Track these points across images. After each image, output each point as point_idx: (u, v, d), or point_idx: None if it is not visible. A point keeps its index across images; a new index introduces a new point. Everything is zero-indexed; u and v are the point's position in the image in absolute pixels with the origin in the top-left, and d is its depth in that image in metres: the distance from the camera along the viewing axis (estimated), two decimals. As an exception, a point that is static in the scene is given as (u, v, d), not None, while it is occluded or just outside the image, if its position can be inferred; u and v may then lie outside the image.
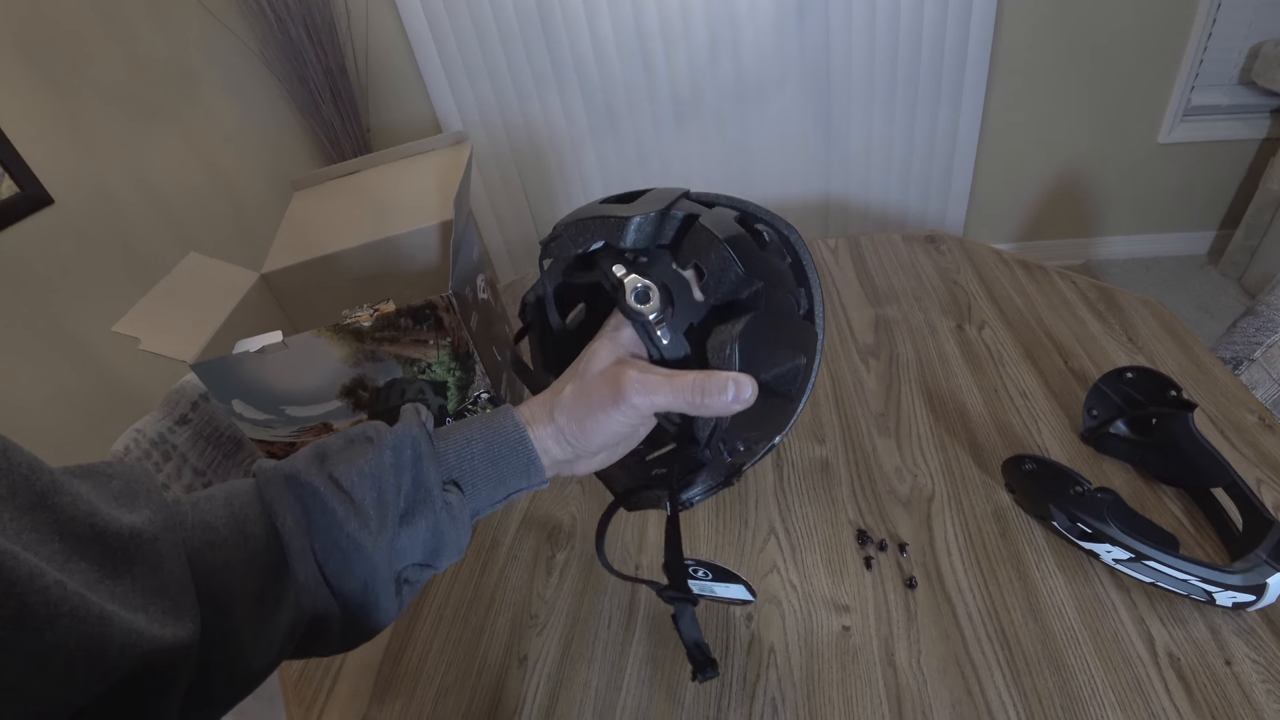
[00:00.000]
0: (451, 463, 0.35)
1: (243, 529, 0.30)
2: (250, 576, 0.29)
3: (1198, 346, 0.79)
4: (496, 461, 0.35)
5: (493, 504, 0.36)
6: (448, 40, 1.93)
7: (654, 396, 0.34)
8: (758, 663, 0.55)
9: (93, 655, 0.22)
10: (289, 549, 0.30)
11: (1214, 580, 0.51)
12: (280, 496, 0.31)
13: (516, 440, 0.35)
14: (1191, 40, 1.81)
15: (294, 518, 0.30)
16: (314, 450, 0.34)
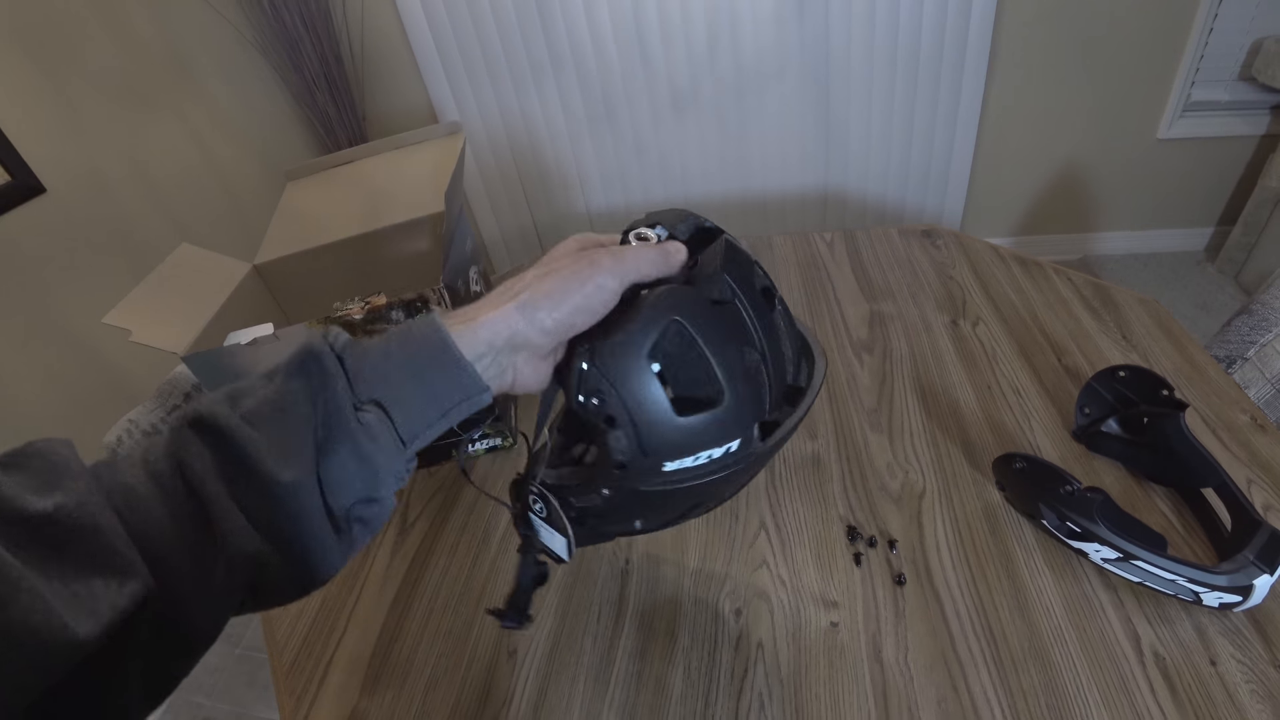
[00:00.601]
0: (369, 380, 0.31)
1: (161, 485, 0.29)
2: (180, 533, 0.28)
3: (1192, 345, 0.79)
4: (420, 373, 0.32)
5: (431, 424, 0.33)
6: (444, 29, 1.91)
7: (628, 269, 0.35)
8: (746, 658, 0.55)
9: (55, 629, 0.23)
10: (205, 498, 0.28)
11: (1201, 581, 0.51)
12: (188, 444, 0.29)
13: (438, 346, 0.32)
14: (1192, 35, 1.80)
15: (203, 465, 0.29)
16: (227, 390, 0.32)
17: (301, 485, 0.29)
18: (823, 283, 0.99)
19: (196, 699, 1.44)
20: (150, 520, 0.28)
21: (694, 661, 0.55)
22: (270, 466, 0.29)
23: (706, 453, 0.35)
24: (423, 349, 0.32)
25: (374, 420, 0.31)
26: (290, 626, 0.65)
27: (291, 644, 0.63)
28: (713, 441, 0.35)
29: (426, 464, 0.79)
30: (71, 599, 0.24)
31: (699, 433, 0.35)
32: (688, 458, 0.35)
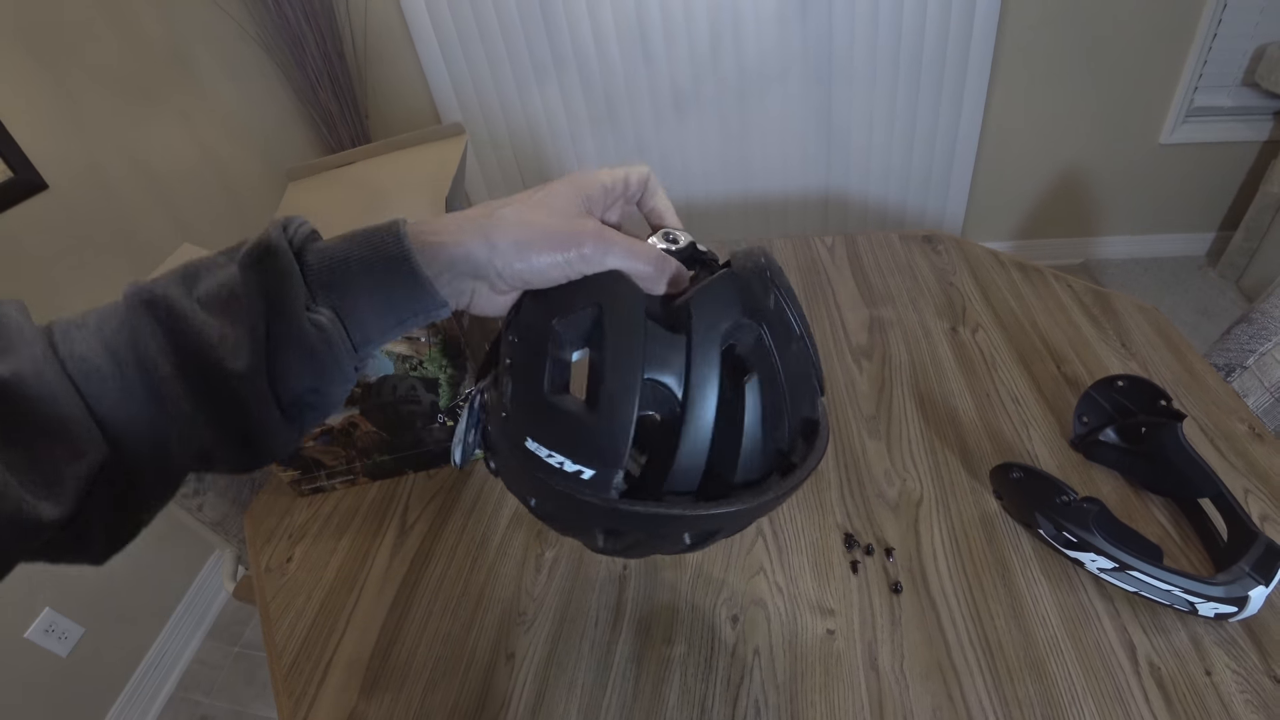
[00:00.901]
0: (326, 282, 0.31)
1: (116, 360, 0.29)
2: (133, 409, 0.29)
3: (1191, 354, 0.79)
4: (377, 283, 0.31)
5: (386, 331, 0.32)
6: (447, 27, 1.91)
7: (609, 256, 0.32)
8: (742, 664, 0.55)
9: (24, 512, 0.24)
10: (158, 379, 0.29)
11: (1196, 591, 0.52)
12: (142, 323, 0.29)
13: (399, 259, 0.31)
14: (1196, 41, 1.80)
15: (156, 345, 0.29)
16: (185, 269, 0.31)
17: (250, 375, 0.29)
18: (822, 287, 0.99)
19: (195, 696, 1.44)
20: (105, 394, 0.28)
21: (690, 668, 0.56)
22: (221, 355, 0.29)
23: (560, 456, 0.32)
24: (382, 259, 0.31)
25: (326, 323, 0.30)
26: (289, 628, 0.65)
27: (290, 646, 0.64)
28: (569, 449, 0.32)
29: (425, 466, 0.80)
30: (34, 470, 0.25)
31: (557, 427, 0.32)
32: (544, 448, 0.32)
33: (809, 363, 0.36)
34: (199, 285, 0.30)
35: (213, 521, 0.96)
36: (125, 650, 1.39)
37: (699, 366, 0.31)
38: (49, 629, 1.23)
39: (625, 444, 0.30)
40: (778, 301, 0.34)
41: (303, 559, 0.72)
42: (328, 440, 0.75)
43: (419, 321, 0.32)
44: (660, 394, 0.31)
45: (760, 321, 0.33)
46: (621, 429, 0.30)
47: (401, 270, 0.31)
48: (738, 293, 0.32)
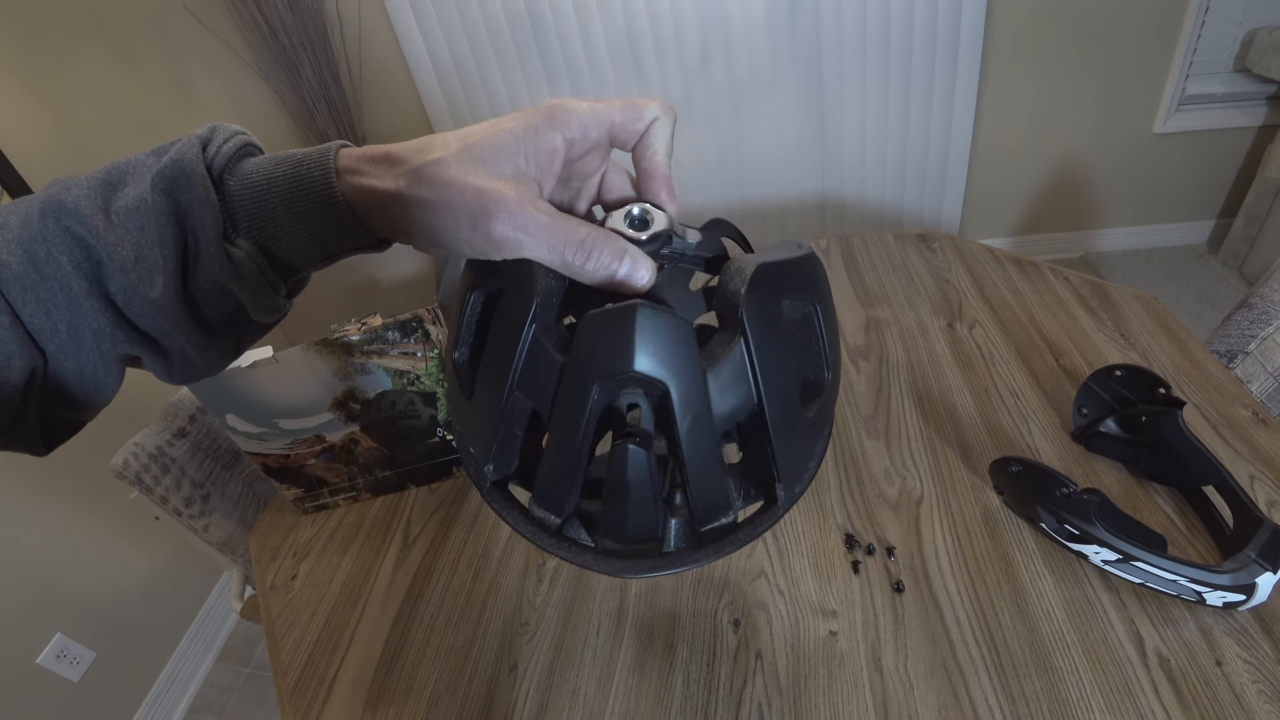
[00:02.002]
0: (248, 212, 0.28)
1: (37, 268, 0.27)
2: (54, 322, 0.27)
3: (1191, 341, 0.79)
4: (303, 216, 0.28)
5: (315, 263, 0.30)
6: (440, 48, 1.94)
7: (522, 239, 0.26)
8: (745, 668, 0.55)
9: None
10: (73, 294, 0.27)
11: (1203, 580, 0.51)
12: (57, 237, 0.27)
13: (324, 196, 0.28)
14: (1186, 28, 1.80)
15: (71, 262, 0.27)
16: (107, 173, 0.29)
17: (165, 301, 0.28)
18: (819, 289, 0.99)
19: (206, 719, 1.44)
20: (28, 301, 0.27)
21: (693, 673, 0.55)
22: (134, 279, 0.27)
23: None
24: (307, 195, 0.28)
25: (244, 258, 0.28)
26: (295, 645, 0.65)
27: (296, 663, 0.64)
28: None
29: (427, 481, 0.80)
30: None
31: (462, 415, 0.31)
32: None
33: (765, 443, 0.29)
34: (119, 195, 0.28)
35: (219, 542, 0.96)
36: (137, 674, 1.40)
37: (563, 400, 0.27)
38: (60, 654, 1.23)
39: (491, 444, 0.29)
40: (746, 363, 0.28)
41: (307, 576, 0.73)
42: (330, 458, 0.76)
43: (352, 254, 0.30)
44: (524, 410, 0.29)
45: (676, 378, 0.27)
46: (483, 418, 0.29)
47: (329, 210, 0.28)
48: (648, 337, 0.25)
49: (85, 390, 0.29)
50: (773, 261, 0.28)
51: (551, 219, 0.26)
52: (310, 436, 0.74)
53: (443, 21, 1.90)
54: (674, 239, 0.31)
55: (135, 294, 0.27)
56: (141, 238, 0.27)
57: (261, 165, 0.29)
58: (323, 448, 0.75)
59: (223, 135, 0.29)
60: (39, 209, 0.27)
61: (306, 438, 0.74)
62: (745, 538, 0.30)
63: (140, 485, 0.88)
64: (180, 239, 0.28)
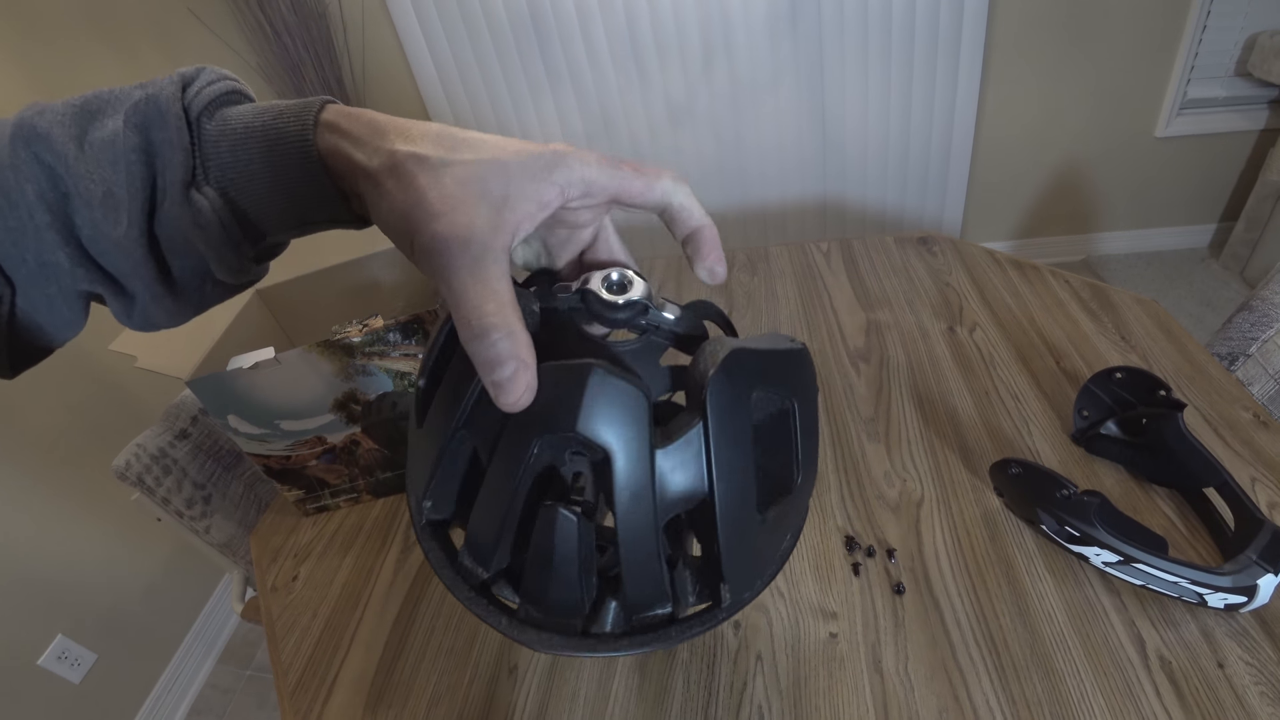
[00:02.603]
0: (223, 159, 0.27)
1: (8, 196, 0.26)
2: (21, 251, 0.26)
3: (1192, 344, 0.79)
4: (278, 179, 0.27)
5: (287, 229, 0.29)
6: (443, 50, 1.95)
7: (443, 288, 0.24)
8: (745, 670, 0.55)
9: None
10: (35, 224, 0.26)
11: (1204, 582, 0.51)
12: (26, 165, 0.26)
13: (303, 159, 0.26)
14: (1187, 32, 1.81)
15: (36, 191, 0.26)
16: (85, 102, 0.27)
17: (128, 242, 0.26)
18: (819, 293, 1.00)
19: (208, 721, 1.44)
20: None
21: (693, 675, 0.55)
22: (99, 215, 0.26)
23: None
24: (284, 144, 0.26)
25: (206, 207, 0.26)
26: (295, 646, 0.65)
27: (296, 664, 0.64)
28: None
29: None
30: None
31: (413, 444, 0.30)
32: None
33: None
34: (95, 125, 0.26)
35: (220, 543, 0.96)
36: (138, 676, 1.40)
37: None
38: (62, 656, 1.23)
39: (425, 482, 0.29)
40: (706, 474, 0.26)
41: (308, 577, 0.73)
42: (331, 459, 0.76)
43: (325, 227, 0.28)
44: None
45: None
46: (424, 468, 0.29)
47: (303, 166, 0.26)
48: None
49: (53, 323, 0.29)
50: (751, 349, 0.27)
51: (476, 288, 0.23)
52: (311, 438, 0.74)
53: (446, 25, 1.90)
54: (650, 310, 0.30)
55: (99, 230, 0.26)
56: (112, 173, 0.26)
57: (243, 113, 0.27)
58: (324, 449, 0.75)
59: (207, 78, 0.28)
60: (10, 132, 0.26)
61: (308, 439, 0.74)
62: (676, 636, 0.28)
63: (142, 487, 0.88)
64: (149, 179, 0.26)
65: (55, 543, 1.26)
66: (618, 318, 0.28)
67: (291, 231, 0.29)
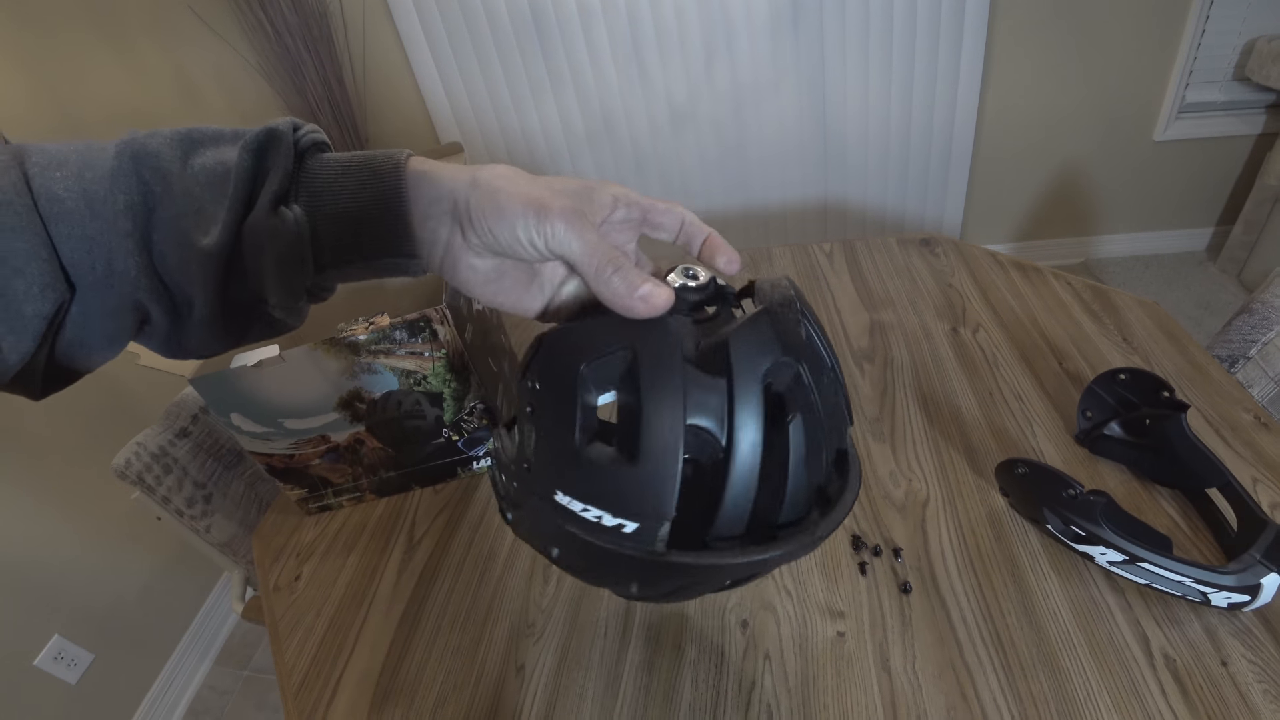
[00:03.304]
0: (314, 186, 0.30)
1: (91, 207, 0.28)
2: (91, 260, 0.28)
3: (1193, 346, 0.79)
4: (357, 201, 0.30)
5: (349, 264, 0.31)
6: (444, 49, 1.94)
7: (571, 235, 0.29)
8: (753, 669, 0.55)
9: None
10: (116, 231, 0.28)
11: (1208, 581, 0.51)
12: (123, 175, 0.28)
13: (391, 174, 0.30)
14: (1186, 36, 1.82)
15: (128, 199, 0.28)
16: (187, 134, 0.30)
17: (213, 252, 0.28)
18: (823, 293, 1.00)
19: (206, 722, 1.44)
20: (71, 236, 0.27)
21: (701, 674, 0.55)
22: (189, 225, 0.28)
23: (598, 510, 0.29)
24: (374, 172, 0.30)
25: (290, 219, 0.29)
26: (299, 647, 0.65)
27: (300, 664, 0.64)
28: (609, 503, 0.29)
29: (432, 481, 0.80)
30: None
31: (593, 479, 0.30)
32: (578, 501, 0.30)
33: (839, 393, 0.34)
34: (198, 153, 0.30)
35: (220, 543, 0.96)
36: (135, 676, 1.39)
37: (741, 409, 0.29)
38: (58, 656, 1.23)
39: (673, 495, 0.29)
40: (809, 334, 0.33)
41: (311, 577, 0.72)
42: (335, 458, 0.76)
43: (384, 264, 0.31)
44: (702, 439, 0.29)
45: (798, 359, 0.31)
46: (668, 480, 0.29)
47: (389, 191, 0.30)
48: (774, 331, 0.31)
49: (100, 338, 0.30)
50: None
51: (599, 235, 0.30)
52: (315, 436, 0.74)
53: (448, 26, 1.91)
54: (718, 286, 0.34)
55: (179, 242, 0.28)
56: (209, 193, 0.29)
57: (337, 156, 0.31)
58: (327, 448, 0.75)
59: (310, 127, 0.32)
60: (115, 148, 0.29)
61: (311, 438, 0.74)
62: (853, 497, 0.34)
63: (142, 485, 0.88)
64: (250, 198, 0.29)
65: (51, 542, 1.26)
66: (703, 297, 0.33)
67: (355, 265, 0.31)
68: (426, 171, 0.30)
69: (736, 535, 0.30)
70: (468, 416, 0.75)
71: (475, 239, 0.30)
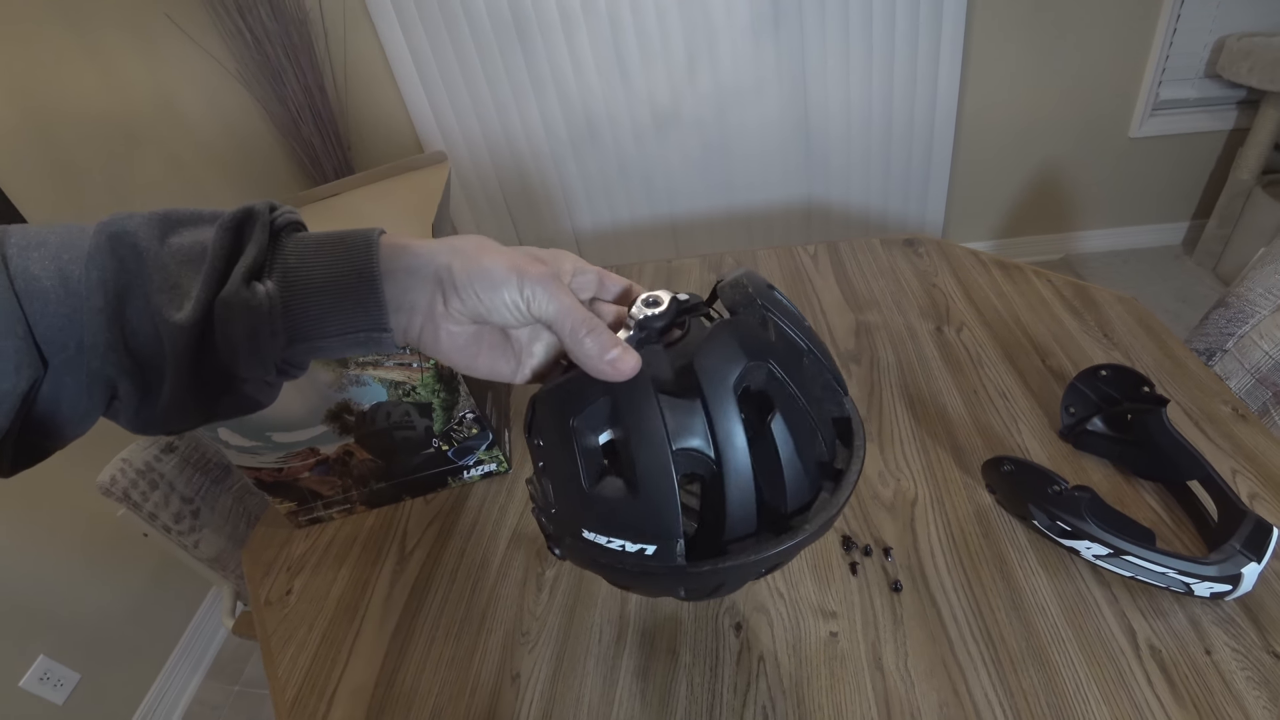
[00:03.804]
0: (287, 264, 0.30)
1: (67, 287, 0.28)
2: (64, 338, 0.29)
3: (1172, 340, 0.81)
4: (332, 278, 0.30)
5: (322, 336, 0.31)
6: (425, 56, 1.94)
7: (549, 298, 0.31)
8: (748, 672, 0.55)
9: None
10: (89, 307, 0.28)
11: (1190, 572, 0.52)
12: (99, 253, 0.28)
13: (363, 252, 0.30)
14: (1158, 35, 1.85)
15: (100, 275, 0.28)
16: (165, 215, 0.31)
17: (184, 327, 0.29)
18: (808, 295, 1.01)
19: (197, 739, 1.42)
20: (46, 315, 0.28)
21: (697, 678, 0.56)
22: (162, 302, 0.29)
23: (620, 540, 0.32)
24: (348, 249, 0.31)
25: (261, 293, 0.29)
26: (292, 661, 0.65)
27: (294, 679, 0.63)
28: (625, 532, 0.32)
29: (422, 492, 0.79)
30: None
31: (607, 515, 0.32)
32: (601, 535, 0.33)
33: (824, 370, 0.36)
34: (174, 234, 0.30)
35: (209, 558, 0.95)
36: (123, 695, 1.37)
37: (721, 423, 0.31)
38: (44, 677, 1.21)
39: (675, 516, 0.31)
40: (776, 326, 0.35)
41: (302, 590, 0.72)
42: (324, 470, 0.75)
43: (358, 340, 0.31)
44: (694, 458, 0.31)
45: (765, 358, 0.33)
46: (667, 504, 0.31)
47: (362, 267, 0.30)
48: (736, 339, 0.32)
49: (72, 412, 0.30)
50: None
51: (574, 298, 0.32)
52: (304, 449, 0.73)
53: (428, 31, 1.90)
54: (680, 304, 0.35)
55: (152, 317, 0.29)
56: (185, 270, 0.29)
57: (312, 234, 0.32)
58: (317, 460, 0.74)
59: (286, 208, 0.33)
60: (94, 228, 0.29)
61: (300, 450, 0.73)
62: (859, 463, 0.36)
63: (128, 502, 0.87)
64: (224, 274, 0.30)
65: (35, 560, 1.24)
66: (667, 321, 0.34)
67: (329, 338, 0.31)
68: (404, 245, 0.31)
69: (751, 534, 0.33)
70: (457, 426, 0.74)
71: (458, 305, 0.31)
